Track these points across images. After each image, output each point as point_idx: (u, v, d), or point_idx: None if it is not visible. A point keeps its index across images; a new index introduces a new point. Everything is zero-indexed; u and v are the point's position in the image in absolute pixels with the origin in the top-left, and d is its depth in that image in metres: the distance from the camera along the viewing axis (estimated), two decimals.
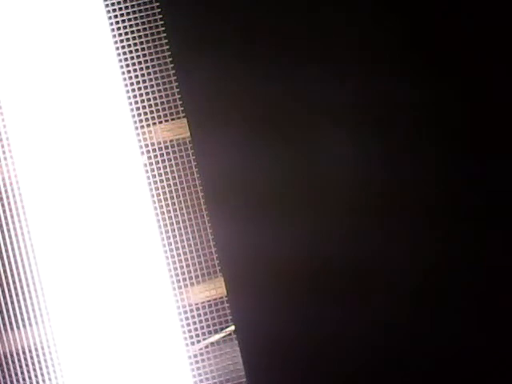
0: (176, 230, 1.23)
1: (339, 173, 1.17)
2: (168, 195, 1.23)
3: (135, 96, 1.23)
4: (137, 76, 1.23)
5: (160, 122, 1.24)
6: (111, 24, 1.22)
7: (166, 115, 1.24)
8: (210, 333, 1.24)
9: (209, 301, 1.24)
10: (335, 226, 1.17)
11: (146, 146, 1.24)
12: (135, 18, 1.23)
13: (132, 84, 1.23)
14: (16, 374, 1.22)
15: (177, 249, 1.23)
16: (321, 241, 1.16)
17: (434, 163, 1.17)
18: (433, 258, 1.16)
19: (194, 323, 1.23)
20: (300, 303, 1.16)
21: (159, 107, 1.24)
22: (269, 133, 1.17)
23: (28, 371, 1.22)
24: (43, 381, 1.21)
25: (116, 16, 1.22)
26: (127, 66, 1.22)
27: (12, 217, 1.21)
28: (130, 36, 1.23)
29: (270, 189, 1.17)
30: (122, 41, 1.22)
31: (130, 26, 1.23)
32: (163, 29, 1.23)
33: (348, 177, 1.17)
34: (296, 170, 1.17)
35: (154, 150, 1.23)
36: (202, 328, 1.23)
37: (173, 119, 1.24)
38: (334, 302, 1.16)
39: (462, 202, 1.17)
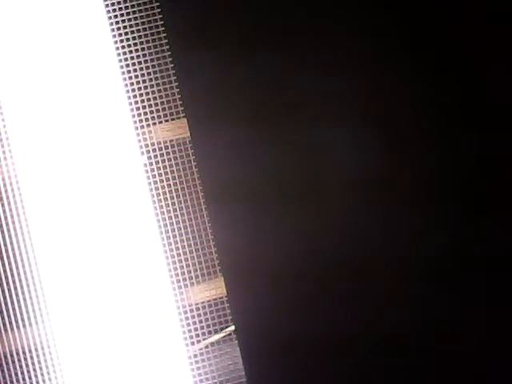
0: (176, 230, 1.23)
1: (339, 168, 1.17)
2: (168, 195, 1.23)
3: (135, 96, 1.23)
4: (137, 76, 1.23)
5: (160, 122, 1.24)
6: (111, 24, 1.22)
7: (166, 115, 1.24)
8: (210, 333, 1.24)
9: (209, 301, 1.24)
10: (335, 225, 1.17)
11: (146, 146, 1.24)
12: (135, 18, 1.23)
13: (132, 84, 1.23)
14: (16, 374, 1.22)
15: (177, 249, 1.23)
16: (321, 241, 1.16)
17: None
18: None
19: (194, 323, 1.23)
20: (300, 303, 1.16)
21: (159, 107, 1.24)
22: (269, 133, 1.17)
23: (28, 371, 1.22)
24: (43, 381, 1.21)
25: (116, 16, 1.22)
26: (127, 66, 1.22)
27: (12, 217, 1.21)
28: (130, 36, 1.23)
29: (270, 189, 1.16)
30: (122, 41, 1.22)
31: (130, 26, 1.23)
32: (163, 29, 1.23)
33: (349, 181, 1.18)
34: (295, 169, 1.17)
35: (154, 150, 1.24)
36: (202, 328, 1.23)
37: (173, 119, 1.24)
38: (333, 302, 1.16)
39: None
